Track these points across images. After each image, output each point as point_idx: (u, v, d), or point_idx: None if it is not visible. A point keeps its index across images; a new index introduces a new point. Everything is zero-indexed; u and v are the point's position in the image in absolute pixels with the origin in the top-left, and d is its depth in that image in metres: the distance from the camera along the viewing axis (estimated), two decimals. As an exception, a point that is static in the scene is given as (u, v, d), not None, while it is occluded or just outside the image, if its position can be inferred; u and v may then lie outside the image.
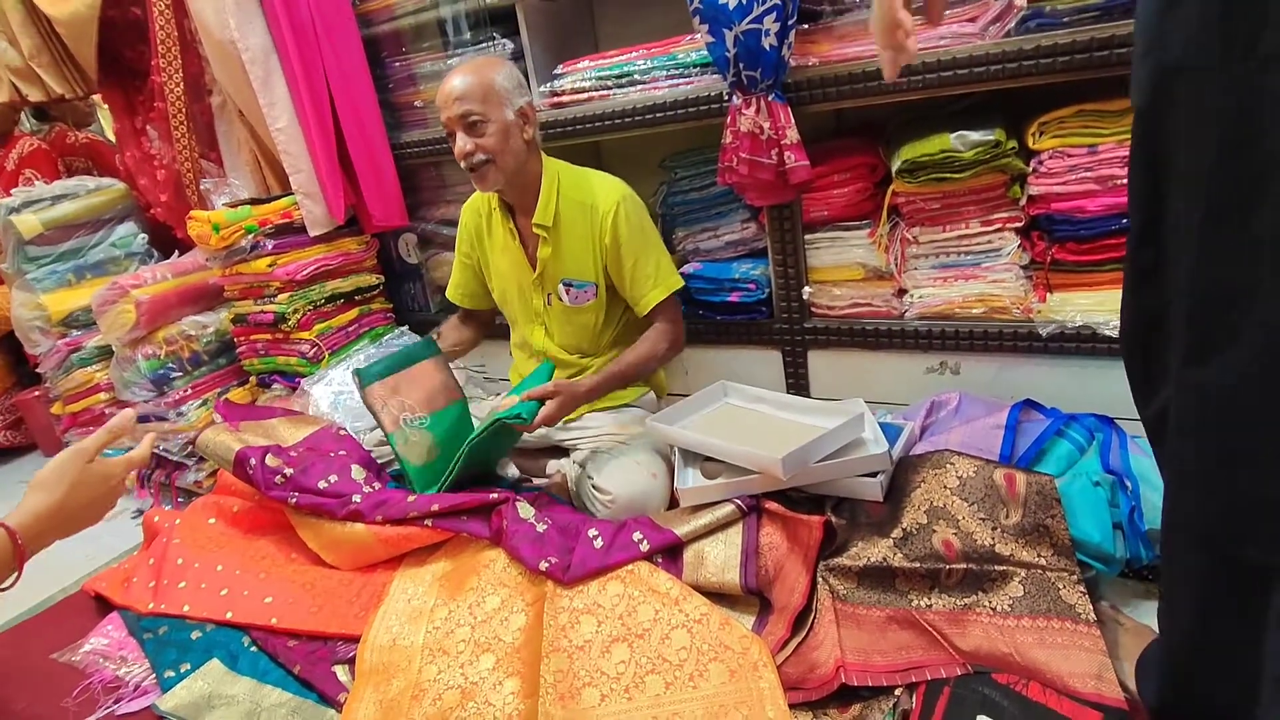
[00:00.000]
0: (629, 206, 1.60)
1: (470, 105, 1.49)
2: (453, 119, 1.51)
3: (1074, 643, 1.08)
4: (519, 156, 1.56)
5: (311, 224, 2.10)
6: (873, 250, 1.67)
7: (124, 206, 2.49)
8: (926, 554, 1.21)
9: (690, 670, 1.13)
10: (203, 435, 1.72)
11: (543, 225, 1.61)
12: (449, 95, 1.51)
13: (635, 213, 1.61)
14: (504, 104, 1.52)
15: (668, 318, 1.66)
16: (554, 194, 1.61)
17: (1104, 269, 1.47)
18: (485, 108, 1.50)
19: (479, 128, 1.51)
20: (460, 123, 1.51)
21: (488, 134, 1.51)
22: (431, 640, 1.31)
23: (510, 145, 1.53)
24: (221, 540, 1.61)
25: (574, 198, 1.62)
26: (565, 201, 1.62)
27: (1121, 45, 1.28)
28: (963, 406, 1.55)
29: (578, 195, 1.62)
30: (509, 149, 1.53)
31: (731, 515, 1.37)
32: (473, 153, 1.52)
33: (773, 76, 1.50)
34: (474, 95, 1.49)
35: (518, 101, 1.54)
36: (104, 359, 2.29)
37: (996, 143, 1.45)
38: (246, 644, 1.38)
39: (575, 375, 1.74)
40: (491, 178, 1.56)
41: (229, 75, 2.09)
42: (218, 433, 1.71)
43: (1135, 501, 1.24)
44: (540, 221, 1.61)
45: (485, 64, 1.54)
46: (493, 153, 1.52)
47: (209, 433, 1.72)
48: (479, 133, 1.51)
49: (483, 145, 1.51)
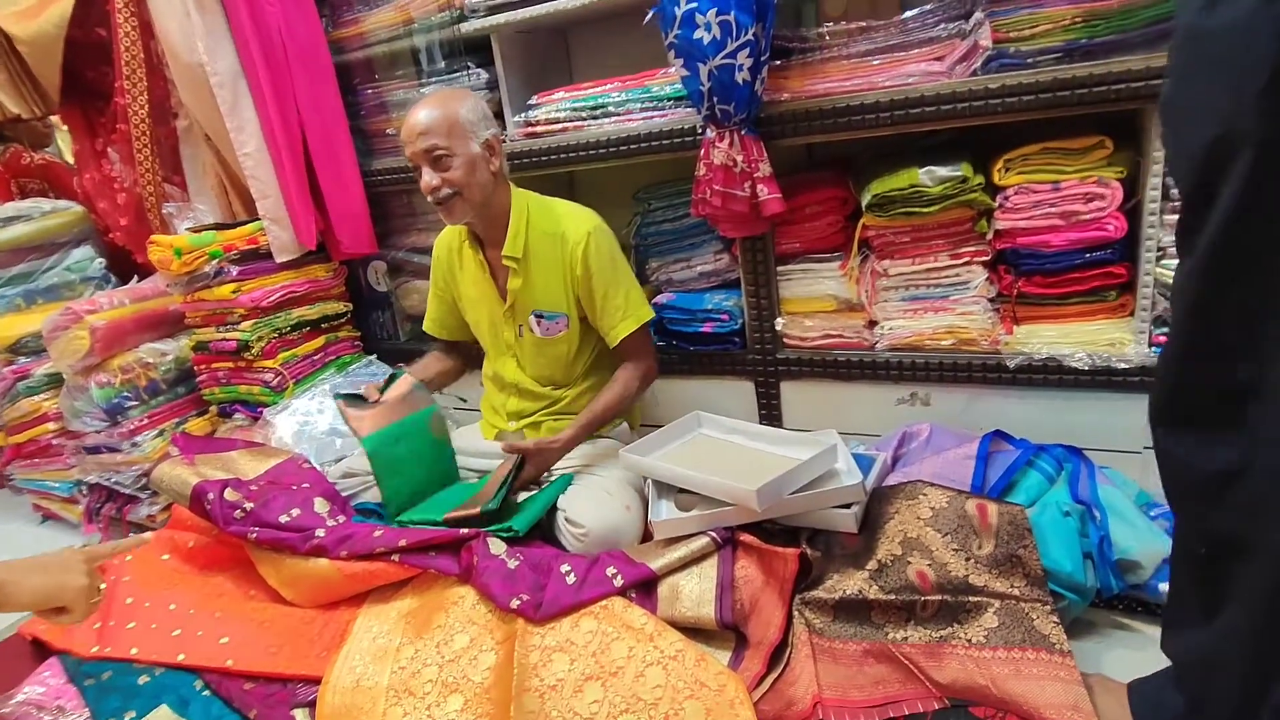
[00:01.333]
0: (599, 238, 1.59)
1: (435, 139, 1.48)
2: (417, 153, 1.50)
3: (1050, 674, 1.07)
4: (486, 189, 1.55)
5: (278, 250, 2.06)
6: (844, 282, 1.69)
7: (81, 230, 2.42)
8: (901, 585, 1.20)
9: (665, 709, 1.10)
10: (157, 470, 1.65)
11: (512, 257, 1.60)
12: (413, 129, 1.50)
13: (606, 244, 1.61)
14: (469, 137, 1.51)
15: (639, 349, 1.65)
16: (523, 225, 1.60)
17: (1068, 302, 1.51)
18: (450, 141, 1.49)
19: (444, 161, 1.50)
20: (425, 157, 1.50)
21: (453, 168, 1.50)
22: (397, 681, 1.26)
23: (476, 178, 1.52)
24: (175, 578, 1.54)
25: (544, 229, 1.61)
26: (535, 232, 1.61)
27: (1081, 86, 1.33)
28: (934, 437, 1.56)
29: (547, 226, 1.61)
30: (475, 181, 1.52)
31: (706, 548, 1.35)
32: (439, 187, 1.51)
33: (746, 111, 1.52)
34: (439, 129, 1.48)
35: (483, 134, 1.53)
36: (53, 387, 2.19)
37: (964, 178, 1.48)
38: (199, 688, 1.31)
39: (548, 407, 1.72)
40: (458, 210, 1.55)
41: (196, 99, 2.06)
42: (174, 466, 1.65)
43: (1104, 531, 1.25)
44: (510, 253, 1.59)
45: (450, 96, 1.53)
46: (459, 186, 1.51)
47: (165, 467, 1.65)
48: (444, 166, 1.50)
49: (449, 179, 1.50)
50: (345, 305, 2.26)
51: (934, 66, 1.46)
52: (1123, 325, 1.48)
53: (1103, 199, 1.41)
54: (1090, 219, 1.42)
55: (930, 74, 1.46)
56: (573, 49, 2.15)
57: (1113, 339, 1.48)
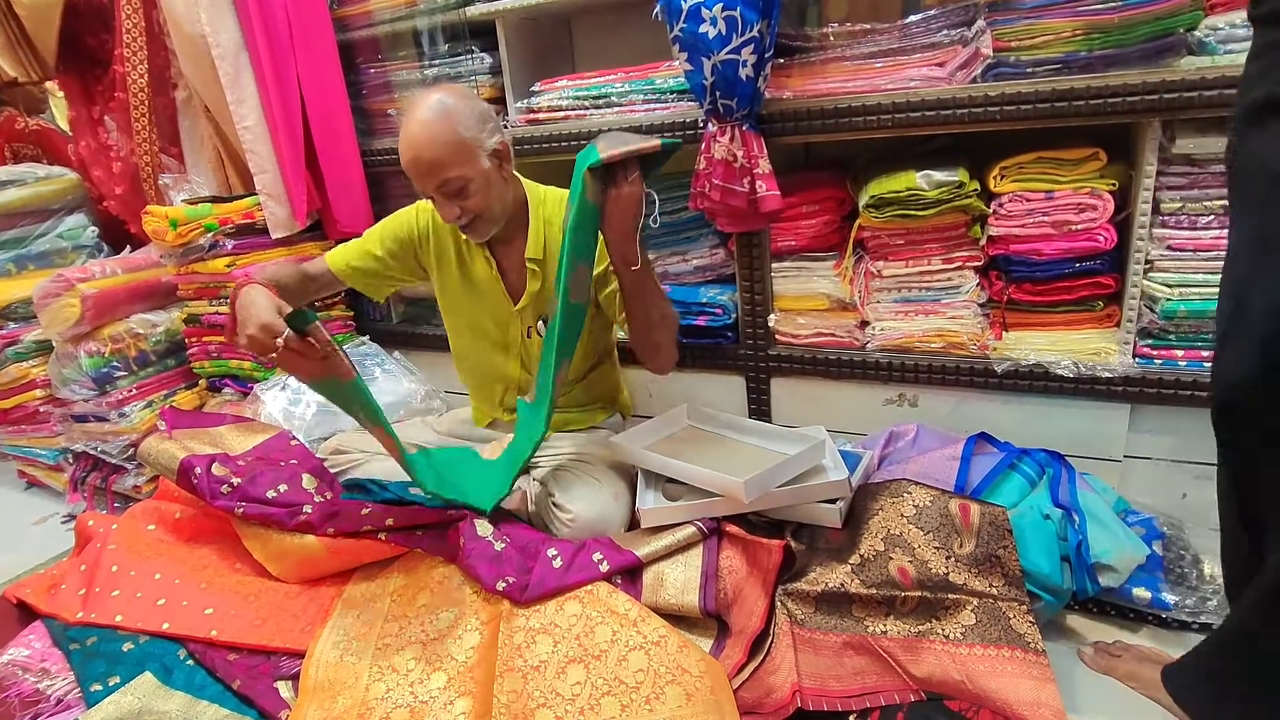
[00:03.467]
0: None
1: (448, 173, 1.36)
2: (428, 190, 1.41)
3: (1024, 671, 1.10)
4: (505, 201, 1.48)
5: (274, 226, 2.06)
6: (837, 282, 1.70)
7: (75, 197, 2.40)
8: (883, 580, 1.22)
9: (647, 693, 1.12)
10: (145, 444, 1.65)
11: (535, 259, 1.54)
12: (419, 167, 1.37)
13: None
14: (478, 154, 1.39)
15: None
16: (541, 224, 1.54)
17: (1057, 310, 1.53)
18: (461, 168, 1.37)
19: (462, 191, 1.39)
20: (438, 191, 1.40)
21: (471, 193, 1.40)
22: (380, 657, 1.27)
23: (495, 193, 1.44)
24: (161, 548, 1.54)
25: (560, 224, 1.52)
26: (552, 228, 1.55)
27: (1078, 98, 1.35)
28: (920, 438, 1.59)
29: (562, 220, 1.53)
30: (494, 197, 1.44)
31: (692, 537, 1.37)
32: (460, 216, 1.43)
33: (748, 107, 1.53)
34: (448, 159, 1.36)
35: (490, 144, 1.41)
36: (42, 354, 2.18)
37: (960, 184, 1.50)
38: (183, 657, 1.32)
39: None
40: (483, 230, 1.47)
41: (197, 70, 2.05)
42: (161, 440, 1.65)
43: (1082, 535, 1.28)
44: (533, 255, 1.54)
45: (445, 113, 1.37)
46: (480, 210, 1.43)
47: (152, 440, 1.65)
48: (462, 196, 1.40)
49: (468, 207, 1.41)
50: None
51: (935, 72, 1.48)
52: (1109, 335, 1.50)
53: (1095, 210, 1.43)
54: (1082, 229, 1.45)
55: (931, 79, 1.48)
56: (577, 38, 2.15)
57: (1098, 348, 1.50)
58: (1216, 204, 1.36)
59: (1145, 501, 1.50)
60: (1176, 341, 1.46)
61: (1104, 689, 1.15)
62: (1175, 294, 1.41)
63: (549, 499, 1.52)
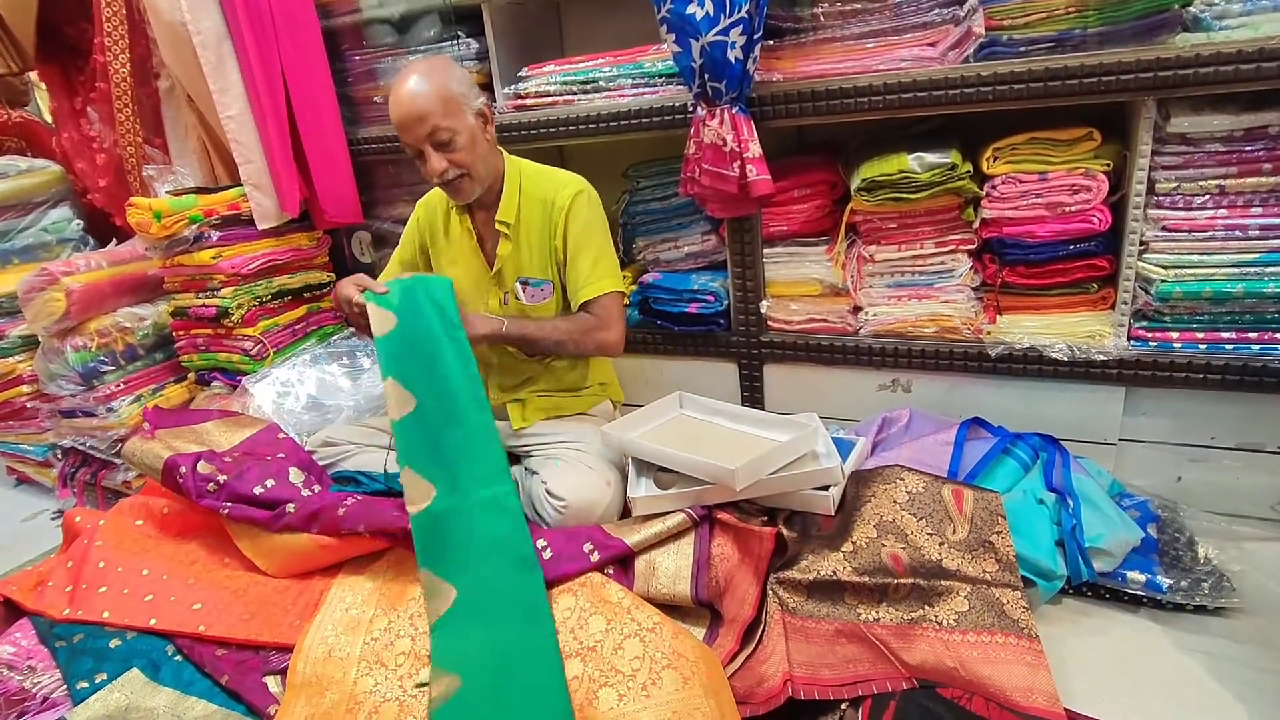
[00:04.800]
0: (582, 200, 1.56)
1: (436, 121, 1.41)
2: (419, 139, 1.43)
3: (1017, 657, 1.09)
4: (489, 161, 1.52)
5: (261, 217, 2.03)
6: (830, 267, 1.69)
7: (58, 190, 2.37)
8: (875, 568, 1.21)
9: (643, 679, 1.11)
10: (129, 445, 1.62)
11: (505, 222, 1.57)
12: (411, 116, 1.42)
13: (586, 207, 1.57)
14: (465, 109, 1.45)
15: (603, 319, 1.57)
16: (516, 190, 1.58)
17: (1051, 293, 1.52)
18: (450, 120, 1.43)
19: (450, 143, 1.44)
20: (429, 141, 1.43)
21: (458, 147, 1.45)
22: (369, 652, 1.26)
23: (479, 151, 1.48)
24: (148, 543, 1.53)
25: (535, 194, 1.58)
26: (526, 198, 1.58)
27: (1072, 77, 1.33)
28: (913, 423, 1.57)
29: (538, 192, 1.58)
30: (479, 155, 1.49)
31: (683, 524, 1.36)
32: (446, 169, 1.45)
33: (737, 89, 1.51)
34: (436, 109, 1.41)
35: (475, 102, 1.48)
36: (28, 349, 2.16)
37: (952, 165, 1.48)
38: (170, 653, 1.30)
39: (529, 381, 1.71)
40: (467, 189, 1.51)
41: (179, 59, 2.01)
42: (145, 441, 1.63)
43: (1076, 519, 1.27)
44: (503, 218, 1.57)
45: (435, 69, 1.45)
46: (466, 165, 1.47)
47: (136, 441, 1.63)
48: (451, 148, 1.44)
49: (456, 160, 1.45)
50: (328, 275, 2.23)
51: (927, 52, 1.46)
52: (1103, 318, 1.49)
53: (1089, 191, 1.41)
54: (1076, 210, 1.43)
55: (923, 59, 1.46)
56: (565, 22, 2.12)
57: (1092, 331, 1.49)
58: (1212, 183, 1.34)
59: (1140, 484, 1.49)
60: (1171, 323, 1.44)
61: (1098, 675, 1.14)
62: (1170, 275, 1.39)
63: (541, 485, 1.50)
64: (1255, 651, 1.15)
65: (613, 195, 1.98)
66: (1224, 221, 1.35)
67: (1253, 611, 1.22)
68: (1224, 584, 1.24)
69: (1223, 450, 1.46)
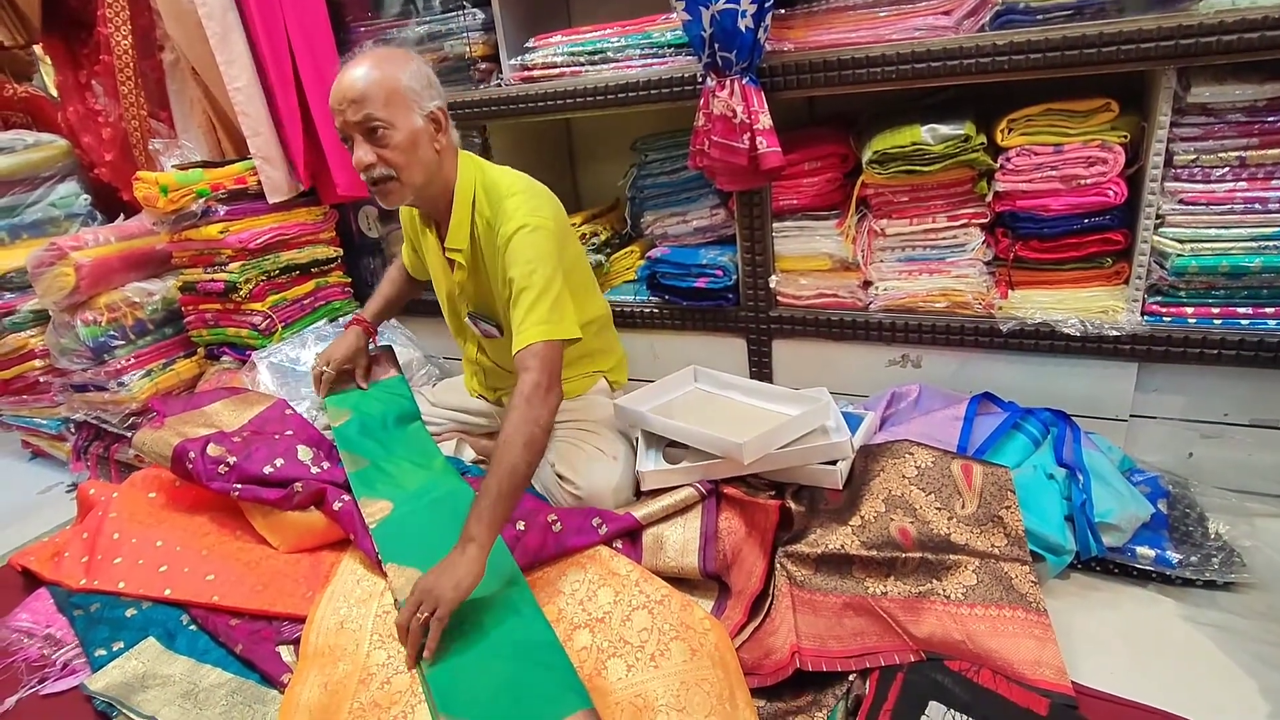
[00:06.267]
0: (525, 238, 1.34)
1: (370, 109, 1.27)
2: (349, 124, 1.29)
3: (1025, 631, 1.10)
4: (428, 169, 1.36)
5: (271, 190, 2.02)
6: (840, 241, 1.67)
7: (65, 165, 2.36)
8: (884, 542, 1.22)
9: (652, 650, 1.12)
10: (138, 436, 1.61)
11: (456, 249, 1.44)
12: (344, 95, 1.28)
13: (529, 244, 1.34)
14: (411, 108, 1.31)
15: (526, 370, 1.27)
16: (468, 213, 1.42)
17: (1064, 268, 1.50)
18: (389, 112, 1.29)
19: (382, 136, 1.29)
20: (359, 128, 1.29)
21: (391, 144, 1.30)
22: (381, 625, 1.27)
23: (418, 155, 1.33)
24: (162, 515, 1.54)
25: (486, 214, 1.42)
26: (481, 220, 1.42)
27: (1090, 45, 1.30)
28: (922, 398, 1.57)
29: (489, 212, 1.42)
30: (416, 160, 1.33)
31: (690, 498, 1.36)
32: (372, 165, 1.31)
33: (747, 59, 1.48)
34: (375, 97, 1.27)
35: (428, 104, 1.33)
36: (39, 324, 2.17)
37: (966, 137, 1.46)
38: (185, 622, 1.32)
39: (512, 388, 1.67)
40: (394, 194, 1.35)
41: (183, 31, 1.99)
42: (155, 430, 1.62)
43: (1086, 494, 1.26)
44: (453, 245, 1.44)
45: (389, 58, 1.32)
46: (396, 167, 1.32)
47: (145, 431, 1.62)
48: (382, 142, 1.30)
49: (385, 157, 1.31)
50: (335, 250, 2.22)
51: (941, 20, 1.43)
52: (1117, 293, 1.47)
53: (1105, 163, 1.39)
54: (1091, 183, 1.41)
55: (937, 28, 1.43)
56: (572, -9, 2.09)
57: (1106, 306, 1.47)
58: (1232, 155, 1.32)
59: (1151, 460, 1.49)
60: (1187, 298, 1.42)
61: (1106, 648, 1.14)
62: (1187, 249, 1.37)
63: (551, 468, 1.50)
64: (1265, 626, 1.15)
65: (620, 169, 1.96)
66: (1243, 194, 1.32)
67: (1263, 587, 1.22)
68: (1234, 559, 1.24)
69: (1236, 426, 1.45)
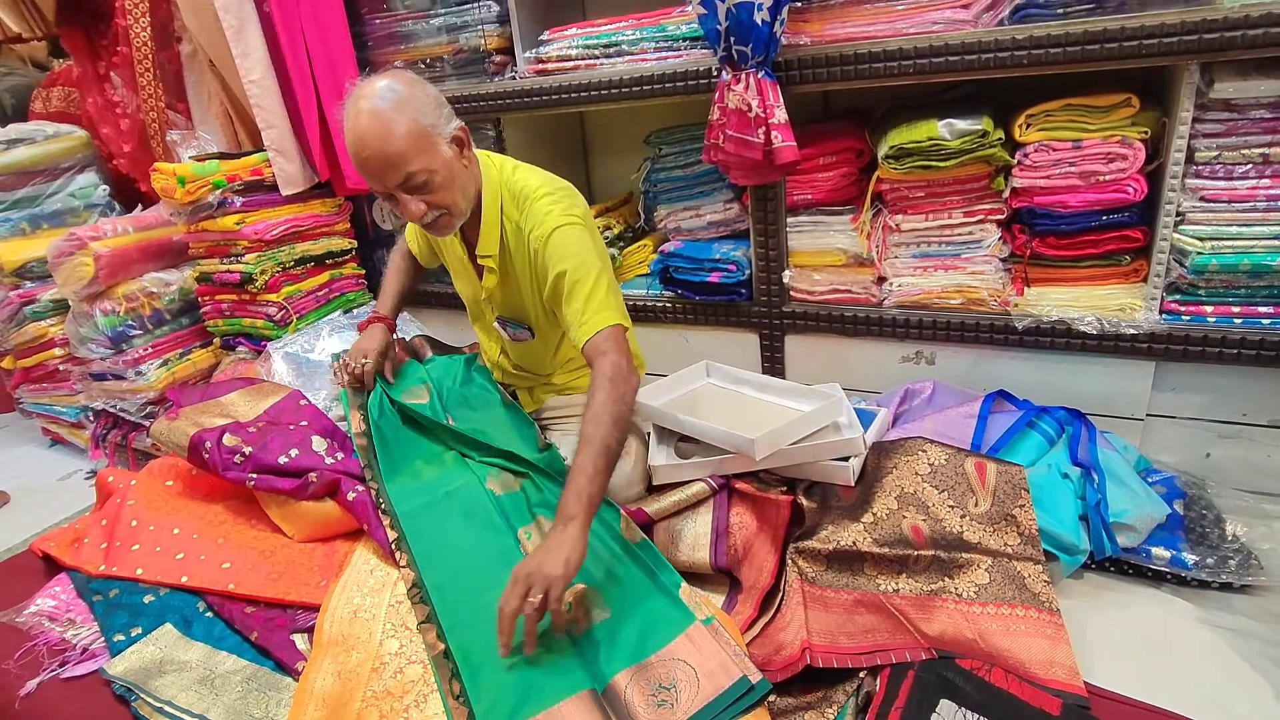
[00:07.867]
0: (565, 234, 1.35)
1: (409, 167, 1.24)
2: (392, 188, 1.27)
3: (1038, 630, 1.09)
4: (468, 192, 1.36)
5: (284, 183, 2.04)
6: (854, 236, 1.66)
7: (84, 156, 2.39)
8: (896, 539, 1.21)
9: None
10: (155, 427, 1.63)
11: (488, 254, 1.44)
12: (379, 164, 1.23)
13: (572, 239, 1.35)
14: (438, 142, 1.27)
15: (603, 354, 1.28)
16: (497, 217, 1.42)
17: (1082, 265, 1.48)
18: (424, 160, 1.25)
19: (426, 186, 1.27)
20: (402, 189, 1.27)
21: (435, 186, 1.28)
22: (394, 614, 1.28)
23: (459, 184, 1.32)
24: (179, 503, 1.56)
25: (514, 217, 1.42)
26: (509, 221, 1.42)
27: (1111, 40, 1.28)
28: (936, 395, 1.56)
29: (517, 215, 1.42)
30: (458, 189, 1.32)
31: (702, 493, 1.36)
32: (425, 213, 1.30)
33: (763, 53, 1.47)
34: (408, 152, 1.23)
35: (447, 130, 1.30)
36: (59, 313, 2.20)
37: (983, 133, 1.45)
38: (202, 609, 1.34)
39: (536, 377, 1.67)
40: (448, 226, 1.36)
41: (200, 23, 2.00)
42: (171, 420, 1.63)
43: (1101, 494, 1.26)
44: (485, 252, 1.44)
45: (398, 102, 1.24)
46: (447, 205, 1.31)
47: (162, 422, 1.64)
48: (427, 190, 1.28)
49: (434, 202, 1.29)
50: (349, 242, 2.24)
51: (959, 14, 1.41)
52: (1135, 290, 1.46)
53: (1125, 160, 1.37)
54: (1110, 180, 1.39)
55: (955, 22, 1.41)
56: (588, -16, 2.08)
57: (1123, 304, 1.46)
58: (1256, 152, 1.30)
59: (1167, 460, 1.47)
60: (1206, 297, 1.41)
61: (1119, 649, 1.14)
62: (1207, 247, 1.36)
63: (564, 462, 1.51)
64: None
65: (634, 162, 1.95)
66: (1266, 192, 1.31)
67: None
68: (1251, 562, 1.23)
69: (1255, 427, 1.44)
